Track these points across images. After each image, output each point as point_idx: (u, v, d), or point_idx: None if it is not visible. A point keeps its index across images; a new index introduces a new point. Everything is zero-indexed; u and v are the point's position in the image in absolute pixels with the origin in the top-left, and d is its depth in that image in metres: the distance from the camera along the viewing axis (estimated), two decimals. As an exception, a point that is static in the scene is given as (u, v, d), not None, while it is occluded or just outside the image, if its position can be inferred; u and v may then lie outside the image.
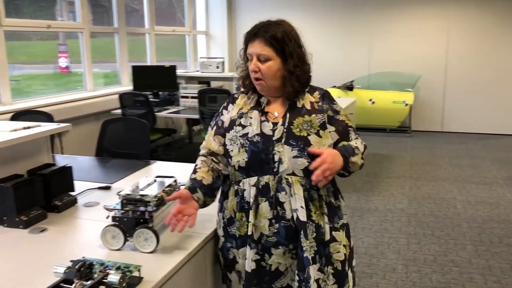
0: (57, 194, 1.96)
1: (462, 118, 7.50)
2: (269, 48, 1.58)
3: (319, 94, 1.68)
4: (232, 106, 1.72)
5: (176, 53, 7.85)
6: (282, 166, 1.55)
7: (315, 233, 1.56)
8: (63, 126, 2.07)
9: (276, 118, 1.62)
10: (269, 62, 1.58)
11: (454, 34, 7.31)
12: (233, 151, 1.61)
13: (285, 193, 1.55)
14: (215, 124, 1.72)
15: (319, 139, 1.58)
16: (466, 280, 2.95)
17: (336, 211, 1.64)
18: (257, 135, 1.59)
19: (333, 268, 1.60)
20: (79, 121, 4.85)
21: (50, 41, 5.46)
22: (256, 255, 1.58)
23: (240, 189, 1.61)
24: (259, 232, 1.57)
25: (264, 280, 1.60)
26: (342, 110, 1.70)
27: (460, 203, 4.35)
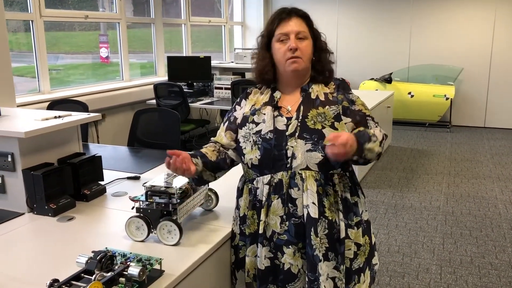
0: (86, 183, 1.98)
1: (506, 113, 7.17)
2: (305, 26, 1.58)
3: (334, 84, 1.64)
4: (245, 101, 1.68)
5: (213, 44, 7.86)
6: (295, 161, 1.51)
7: (327, 230, 1.51)
8: (93, 116, 2.08)
9: (289, 112, 1.58)
10: (306, 41, 1.57)
11: (500, 25, 6.98)
12: (246, 148, 1.58)
13: (297, 189, 1.51)
14: (227, 119, 1.69)
15: (334, 132, 1.51)
16: (505, 284, 2.81)
17: (352, 208, 1.58)
18: (270, 132, 1.55)
19: (346, 267, 1.56)
20: (115, 110, 4.93)
21: (92, 31, 5.56)
22: (270, 253, 1.55)
23: (254, 187, 1.59)
24: (270, 230, 1.54)
25: (279, 279, 1.56)
26: (359, 99, 1.63)
27: (501, 202, 4.16)
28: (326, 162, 1.49)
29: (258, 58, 1.63)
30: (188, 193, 1.62)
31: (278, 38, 1.56)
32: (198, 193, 1.70)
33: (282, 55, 1.55)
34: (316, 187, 1.50)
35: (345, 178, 1.57)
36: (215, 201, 1.83)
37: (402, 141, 6.46)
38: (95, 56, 5.51)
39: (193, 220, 1.74)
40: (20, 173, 1.81)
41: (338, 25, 7.77)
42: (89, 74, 5.51)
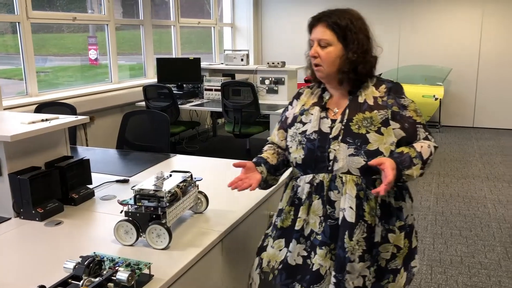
0: (74, 187, 1.96)
1: (494, 113, 7.24)
2: (330, 32, 1.56)
3: (385, 88, 1.59)
4: (296, 102, 1.72)
5: (203, 45, 7.84)
6: (337, 165, 1.52)
7: (366, 234, 1.51)
8: (81, 119, 2.06)
9: (335, 114, 1.59)
10: (329, 48, 1.55)
11: (488, 26, 7.05)
12: (292, 147, 1.62)
13: (337, 191, 1.52)
14: (280, 119, 1.74)
15: (380, 137, 1.50)
16: (494, 283, 2.83)
17: (394, 212, 1.56)
18: (315, 132, 1.57)
19: (377, 265, 1.56)
20: (104, 113, 4.89)
21: (80, 33, 5.52)
22: (304, 251, 1.57)
23: (296, 184, 1.62)
24: (309, 228, 1.56)
25: (305, 279, 1.56)
26: (412, 104, 1.57)
27: (490, 202, 4.19)
28: (369, 167, 1.48)
29: (307, 59, 1.68)
30: (177, 196, 1.61)
31: (310, 44, 1.62)
32: (187, 196, 1.69)
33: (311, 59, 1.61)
34: (357, 191, 1.50)
35: None
36: (205, 204, 1.81)
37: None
38: (84, 58, 5.47)
39: (183, 223, 1.72)
40: (6, 177, 1.79)
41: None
42: (78, 76, 5.46)
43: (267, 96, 5.46)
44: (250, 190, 1.58)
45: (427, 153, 1.50)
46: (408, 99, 1.58)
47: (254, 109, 4.78)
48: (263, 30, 8.27)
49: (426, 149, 1.50)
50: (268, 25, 8.22)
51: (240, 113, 4.82)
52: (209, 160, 2.66)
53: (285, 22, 8.07)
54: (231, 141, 6.33)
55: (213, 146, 6.46)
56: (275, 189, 2.11)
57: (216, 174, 2.37)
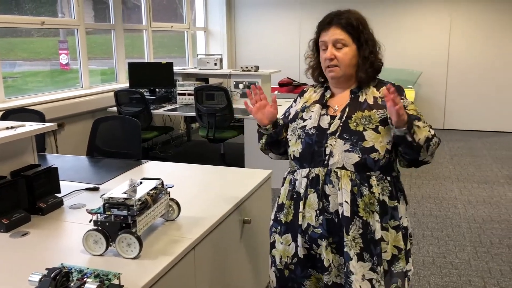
0: (41, 196, 1.91)
1: (463, 115, 7.42)
2: (345, 34, 1.60)
3: None
4: (299, 99, 1.79)
5: (177, 49, 7.79)
6: (332, 159, 1.57)
7: (361, 230, 1.55)
8: (48, 126, 2.01)
9: (335, 111, 1.64)
10: (346, 49, 1.60)
11: (456, 30, 7.22)
12: (291, 141, 1.69)
13: (332, 186, 1.57)
14: (283, 114, 1.82)
15: (376, 135, 1.55)
16: (465, 283, 2.89)
17: (389, 211, 1.60)
18: (314, 128, 1.63)
19: (383, 269, 1.58)
20: (74, 119, 4.79)
21: (51, 38, 5.40)
22: (305, 244, 1.63)
23: (294, 178, 1.66)
24: (306, 222, 1.61)
25: (317, 266, 1.64)
26: (412, 105, 1.63)
27: (460, 202, 4.28)
28: (363, 163, 1.54)
29: (310, 59, 1.73)
30: (148, 204, 1.58)
31: (321, 46, 1.65)
32: (158, 204, 1.66)
33: (323, 63, 1.65)
34: (351, 186, 1.55)
35: (385, 181, 1.59)
36: (177, 211, 1.79)
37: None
38: (55, 63, 5.36)
39: (154, 231, 1.69)
40: (-31, 188, 1.73)
41: (300, 31, 7.84)
42: (48, 82, 5.35)
43: (241, 100, 5.45)
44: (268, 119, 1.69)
45: (432, 132, 1.56)
46: (408, 100, 1.65)
47: (228, 113, 4.77)
48: (237, 34, 8.28)
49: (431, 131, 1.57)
50: (242, 29, 8.23)
51: (214, 118, 4.80)
52: (181, 166, 2.63)
53: (258, 26, 8.09)
54: (205, 146, 6.29)
55: (187, 151, 6.41)
56: (248, 195, 2.11)
57: (188, 180, 2.35)
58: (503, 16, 6.95)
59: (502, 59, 7.07)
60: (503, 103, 7.17)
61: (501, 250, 3.32)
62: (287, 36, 7.88)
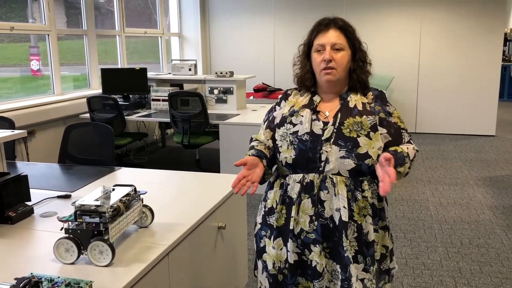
0: (11, 205, 1.87)
1: (434, 119, 7.58)
2: (343, 37, 1.64)
3: (372, 95, 1.70)
4: (284, 102, 1.76)
5: (152, 55, 7.74)
6: (328, 166, 1.58)
7: (356, 233, 1.58)
8: (17, 133, 1.97)
9: (327, 117, 1.64)
10: (343, 52, 1.63)
11: (425, 36, 7.39)
12: (282, 147, 1.65)
13: (327, 192, 1.58)
14: (267, 119, 1.77)
15: (369, 141, 1.58)
16: (437, 283, 2.95)
17: (378, 213, 1.65)
18: (307, 134, 1.62)
19: (375, 268, 1.63)
20: (46, 126, 4.71)
21: (22, 43, 5.30)
22: (297, 249, 1.63)
23: (285, 183, 1.66)
24: (299, 227, 1.61)
25: (307, 273, 1.63)
26: (396, 112, 1.69)
27: (432, 204, 4.37)
28: (357, 169, 1.57)
29: (299, 66, 1.72)
30: (120, 211, 1.57)
31: (316, 48, 1.65)
32: (131, 211, 1.65)
33: (318, 65, 1.63)
34: (346, 192, 1.57)
35: (374, 185, 1.63)
36: (150, 217, 1.78)
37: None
38: (26, 69, 5.26)
39: (127, 238, 1.68)
40: None
41: (275, 36, 7.90)
42: (19, 88, 5.24)
43: (216, 105, 5.45)
44: (251, 193, 1.54)
45: (413, 155, 1.63)
46: (392, 107, 1.70)
47: (203, 119, 4.76)
48: (211, 40, 8.28)
49: (411, 150, 1.63)
50: (216, 35, 8.23)
51: (188, 124, 4.79)
52: (155, 172, 2.61)
53: (233, 32, 8.11)
54: (180, 152, 6.26)
55: (162, 157, 6.36)
56: (223, 200, 2.11)
57: (162, 186, 2.34)
58: (472, 21, 7.15)
59: (471, 64, 7.27)
60: (473, 107, 7.37)
61: (471, 250, 3.40)
62: (261, 41, 7.92)
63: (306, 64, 1.70)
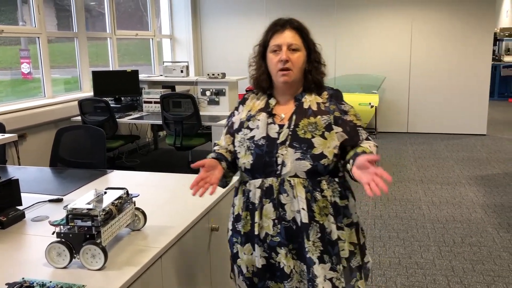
0: (2, 209, 1.85)
1: (426, 118, 7.63)
2: (299, 38, 1.63)
3: (327, 94, 1.69)
4: (242, 107, 1.76)
5: (144, 57, 7.71)
6: (284, 169, 1.58)
7: (320, 233, 1.58)
8: (7, 137, 1.96)
9: (282, 120, 1.65)
10: (298, 53, 1.62)
11: (416, 36, 7.44)
12: (240, 153, 1.66)
13: (286, 195, 1.59)
14: (227, 124, 1.78)
15: (324, 141, 1.58)
16: (430, 282, 2.96)
17: (341, 211, 1.64)
18: (263, 138, 1.62)
19: (342, 266, 1.63)
20: (37, 129, 4.67)
21: (12, 46, 5.26)
22: (264, 253, 1.63)
23: (247, 189, 1.66)
24: (264, 232, 1.62)
25: (276, 275, 1.64)
26: (352, 110, 1.68)
27: (424, 204, 4.39)
28: (314, 170, 1.57)
29: (255, 67, 1.71)
30: (112, 214, 1.56)
31: (272, 49, 1.64)
32: (124, 214, 1.64)
33: (274, 66, 1.62)
34: (305, 193, 1.57)
35: (334, 183, 1.63)
36: (143, 220, 1.77)
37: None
38: (16, 72, 5.22)
39: (119, 241, 1.67)
40: None
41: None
42: (9, 91, 5.20)
43: (208, 107, 5.45)
44: (211, 193, 1.56)
45: (374, 151, 1.62)
46: (348, 105, 1.69)
47: (196, 120, 4.75)
48: (203, 42, 8.27)
49: (373, 147, 1.63)
50: (208, 37, 8.23)
51: (181, 125, 4.78)
52: (148, 174, 2.60)
53: (224, 33, 8.11)
54: (173, 154, 6.24)
55: (155, 159, 6.34)
56: (215, 202, 2.10)
57: (154, 189, 2.33)
58: (462, 21, 7.20)
59: (462, 63, 7.32)
60: (464, 106, 7.42)
61: (463, 248, 3.42)
62: (253, 42, 7.84)
63: (261, 65, 1.69)
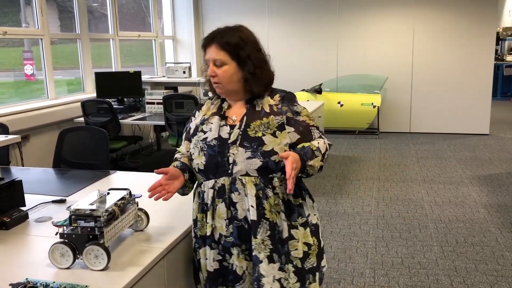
0: (5, 210, 1.86)
1: (428, 118, 7.62)
2: (223, 52, 1.63)
3: (279, 96, 1.73)
4: (198, 113, 1.80)
5: (146, 58, 7.73)
6: (236, 167, 1.61)
7: (269, 231, 1.59)
8: (11, 138, 1.97)
9: (234, 121, 1.68)
10: (225, 67, 1.64)
11: (419, 36, 7.43)
12: (194, 154, 1.69)
13: (238, 193, 1.60)
14: (185, 130, 1.82)
15: (274, 139, 1.61)
16: (433, 282, 2.96)
17: (296, 209, 1.66)
18: (215, 139, 1.65)
19: (293, 266, 1.63)
20: (40, 130, 4.70)
21: (15, 48, 5.28)
22: (218, 255, 1.64)
23: (201, 191, 1.68)
24: (218, 232, 1.63)
25: (229, 279, 1.64)
26: (305, 110, 1.72)
27: (427, 204, 4.39)
28: (265, 167, 1.59)
29: (206, 72, 1.72)
30: (115, 215, 1.57)
31: (206, 62, 1.69)
32: (127, 214, 1.65)
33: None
34: (256, 191, 1.59)
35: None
36: (145, 221, 1.78)
37: (333, 149, 6.66)
38: (20, 73, 5.24)
39: (122, 242, 1.68)
40: None
41: (268, 39, 7.92)
42: (12, 93, 5.22)
43: (210, 108, 5.44)
44: (164, 200, 1.61)
45: (324, 148, 1.65)
46: (301, 106, 1.73)
47: (198, 121, 4.75)
48: (205, 42, 8.27)
49: (322, 145, 1.65)
50: (210, 37, 8.23)
51: (183, 126, 4.78)
52: (149, 175, 2.61)
53: (226, 34, 8.11)
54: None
55: (158, 160, 6.35)
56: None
57: (158, 189, 2.33)
58: (465, 21, 7.20)
59: (464, 63, 7.31)
60: (466, 106, 7.41)
61: (466, 248, 3.42)
62: (255, 43, 7.91)
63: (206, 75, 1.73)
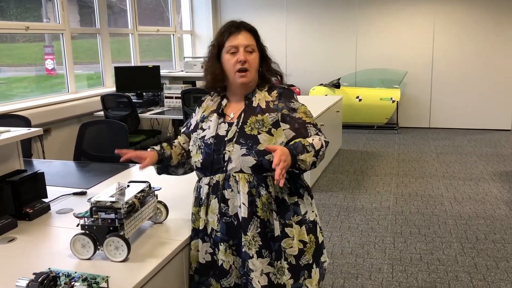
0: (28, 202, 1.90)
1: (448, 114, 7.51)
2: (253, 39, 1.68)
3: (277, 93, 1.73)
4: (198, 109, 1.81)
5: (164, 53, 7.78)
6: (230, 164, 1.62)
7: (260, 229, 1.60)
8: (34, 131, 2.00)
9: (232, 118, 1.70)
10: (254, 54, 1.67)
11: (439, 30, 7.32)
12: (192, 152, 1.72)
13: (230, 190, 1.62)
14: (185, 125, 1.85)
15: (270, 137, 1.61)
16: (452, 278, 2.93)
17: (290, 207, 1.66)
18: (212, 137, 1.67)
19: (288, 263, 1.64)
20: (61, 124, 4.77)
21: (36, 43, 5.36)
22: (210, 249, 1.67)
23: (199, 186, 1.72)
24: (210, 227, 1.66)
25: (216, 274, 1.67)
26: (302, 107, 1.71)
27: (447, 200, 4.34)
28: (259, 165, 1.60)
29: (209, 67, 1.72)
30: (135, 207, 1.59)
31: (228, 50, 1.66)
32: (146, 207, 1.67)
33: (232, 66, 1.65)
34: (249, 188, 1.60)
35: None
36: (164, 213, 1.80)
37: (352, 144, 6.62)
38: (41, 68, 5.32)
39: (142, 234, 1.70)
40: (-46, 195, 1.72)
41: (286, 33, 7.89)
42: (34, 87, 5.30)
43: (228, 102, 5.45)
44: (140, 168, 1.66)
45: (319, 145, 1.60)
46: (298, 103, 1.72)
47: (216, 116, 4.77)
48: (223, 37, 8.28)
49: (317, 141, 1.60)
50: (228, 32, 8.23)
51: (201, 120, 4.80)
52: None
53: (244, 28, 8.11)
54: (193, 149, 6.28)
55: (176, 154, 6.39)
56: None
57: (175, 183, 2.35)
58: (486, 16, 7.06)
59: (485, 58, 7.18)
60: (487, 101, 7.28)
61: (486, 245, 3.37)
62: (273, 38, 7.91)
63: (216, 66, 1.70)
